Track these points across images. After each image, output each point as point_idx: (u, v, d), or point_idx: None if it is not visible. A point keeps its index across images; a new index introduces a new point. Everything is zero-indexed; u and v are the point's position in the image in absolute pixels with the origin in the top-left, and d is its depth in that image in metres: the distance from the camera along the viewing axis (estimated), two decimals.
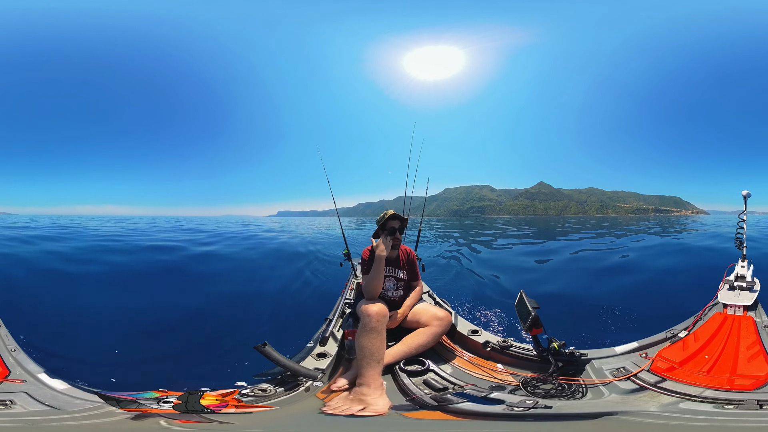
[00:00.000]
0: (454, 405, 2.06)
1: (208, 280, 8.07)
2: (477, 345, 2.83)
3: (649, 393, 2.07)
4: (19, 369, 2.38)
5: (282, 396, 2.22)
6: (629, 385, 2.18)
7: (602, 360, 2.49)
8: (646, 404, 1.97)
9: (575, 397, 2.15)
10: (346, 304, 3.52)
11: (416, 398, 2.20)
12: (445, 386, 2.33)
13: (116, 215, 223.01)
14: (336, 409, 2.13)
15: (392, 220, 3.04)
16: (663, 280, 7.37)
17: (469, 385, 2.32)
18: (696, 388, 2.01)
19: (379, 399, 2.19)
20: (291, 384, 2.32)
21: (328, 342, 2.81)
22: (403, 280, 3.14)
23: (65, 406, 2.00)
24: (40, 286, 6.83)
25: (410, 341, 2.71)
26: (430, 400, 2.16)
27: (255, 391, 2.23)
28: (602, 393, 2.18)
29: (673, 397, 1.99)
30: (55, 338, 4.19)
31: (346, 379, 2.43)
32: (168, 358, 4.00)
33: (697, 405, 1.90)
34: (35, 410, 1.93)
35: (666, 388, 2.06)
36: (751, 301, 2.91)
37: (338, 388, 2.37)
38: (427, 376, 2.45)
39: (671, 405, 1.93)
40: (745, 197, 3.87)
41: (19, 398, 1.99)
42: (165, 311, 5.62)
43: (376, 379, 2.31)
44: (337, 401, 2.22)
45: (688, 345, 2.47)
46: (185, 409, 1.98)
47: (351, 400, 2.20)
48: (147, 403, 2.02)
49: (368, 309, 2.55)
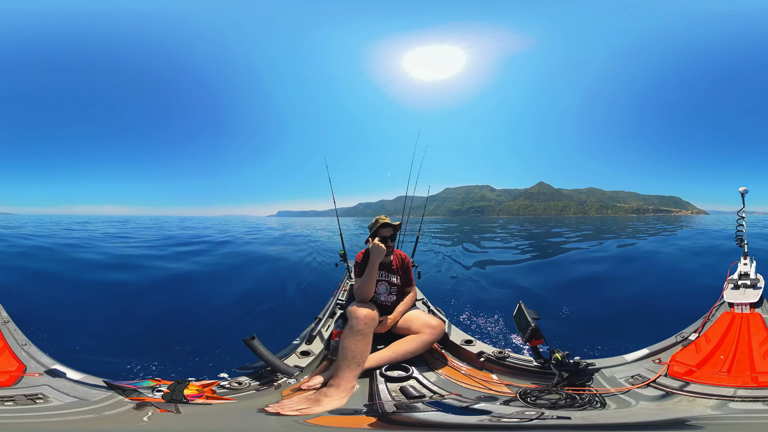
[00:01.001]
0: (409, 414, 1.97)
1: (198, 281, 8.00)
2: (470, 355, 2.72)
3: (683, 398, 1.99)
4: (33, 362, 2.40)
5: (251, 390, 2.20)
6: (651, 391, 2.09)
7: (613, 369, 2.40)
8: (690, 409, 1.88)
9: (593, 407, 1.99)
10: (337, 305, 3.49)
11: (375, 404, 2.12)
12: (422, 394, 2.22)
13: (115, 215, 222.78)
14: (283, 406, 2.07)
15: (384, 228, 2.99)
16: (667, 282, 7.28)
17: (452, 395, 2.21)
18: (726, 389, 1.95)
19: (335, 401, 2.13)
20: (267, 379, 2.30)
21: (315, 341, 2.78)
22: (396, 285, 3.06)
23: (87, 396, 2.04)
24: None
25: (398, 347, 2.63)
26: (390, 407, 2.06)
27: (232, 384, 2.22)
28: (626, 402, 2.05)
29: (713, 400, 1.90)
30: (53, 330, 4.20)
31: (322, 378, 2.37)
32: (163, 351, 4.00)
33: (747, 405, 1.84)
34: (68, 402, 1.98)
35: (694, 391, 2.00)
36: (756, 298, 2.89)
37: (309, 386, 2.32)
38: (407, 383, 2.35)
39: (722, 407, 1.85)
40: (743, 194, 3.86)
41: (46, 392, 2.03)
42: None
43: (348, 382, 2.27)
44: (293, 399, 2.17)
45: (701, 347, 2.43)
46: (170, 398, 2.02)
47: (308, 400, 2.16)
48: (144, 391, 2.07)
49: (357, 311, 2.53)
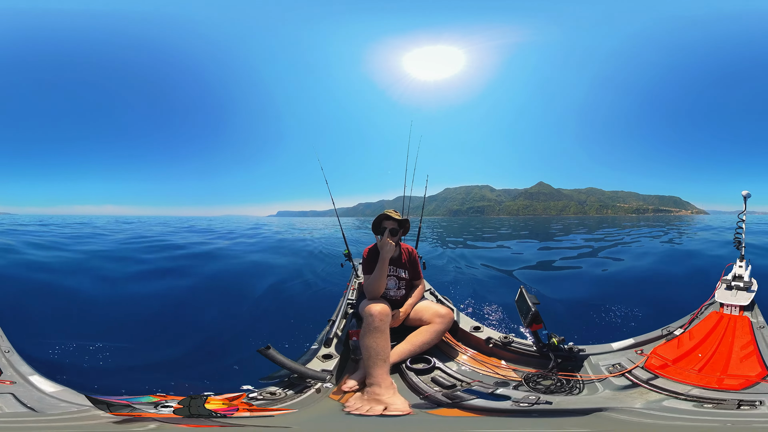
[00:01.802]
0: (467, 402, 2.07)
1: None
2: (479, 341, 2.85)
3: (640, 390, 2.10)
4: (10, 370, 2.35)
5: (294, 398, 2.16)
6: (623, 381, 2.20)
7: (599, 356, 2.51)
8: (633, 401, 1.99)
9: (573, 392, 2.17)
10: (348, 305, 3.51)
11: (430, 396, 2.20)
12: (453, 383, 2.34)
13: (115, 215, 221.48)
14: (359, 409, 2.09)
15: (386, 220, 3.01)
16: (660, 278, 7.37)
17: (475, 382, 2.32)
18: (684, 386, 2.03)
19: (394, 398, 2.18)
20: (300, 386, 2.28)
21: (333, 343, 2.78)
22: (405, 279, 3.13)
23: (47, 408, 1.96)
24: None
25: (414, 339, 2.71)
26: (443, 397, 2.15)
27: (264, 395, 2.17)
28: (597, 389, 2.21)
29: (659, 395, 2.01)
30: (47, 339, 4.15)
31: (355, 380, 2.41)
32: (161, 365, 3.88)
33: (680, 403, 1.93)
34: (13, 412, 1.88)
35: (656, 386, 2.08)
36: (747, 301, 2.89)
37: (349, 388, 2.34)
38: (435, 374, 2.46)
39: (655, 402, 1.95)
40: (745, 197, 3.86)
41: (2, 399, 1.97)
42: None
43: (385, 379, 2.30)
44: (354, 402, 2.19)
45: (683, 343, 2.48)
46: (189, 413, 1.88)
47: (367, 400, 2.18)
48: (142, 407, 1.90)
49: (371, 309, 2.55)
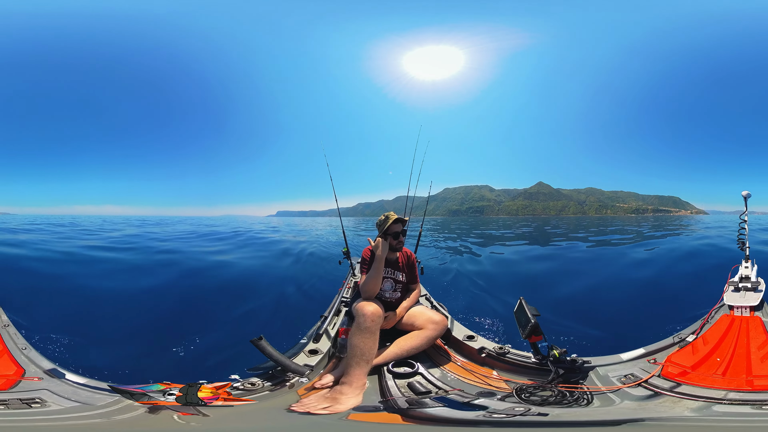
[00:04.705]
0: (422, 409, 2.04)
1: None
2: (472, 350, 2.78)
3: (669, 398, 2.00)
4: (33, 367, 2.38)
5: (266, 391, 2.23)
6: (641, 391, 2.11)
7: (607, 367, 2.42)
8: (670, 410, 1.89)
9: (579, 404, 2.06)
10: (342, 302, 3.52)
11: (389, 400, 2.18)
12: (428, 390, 2.28)
13: (114, 215, 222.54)
14: (306, 406, 2.13)
15: (396, 224, 3.02)
16: (666, 284, 7.25)
17: (455, 390, 2.27)
18: (716, 391, 1.95)
19: (352, 398, 2.18)
20: (279, 379, 2.33)
21: (322, 339, 2.81)
22: (402, 282, 3.12)
23: (90, 401, 2.02)
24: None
25: (402, 343, 2.68)
26: (402, 403, 2.12)
27: (245, 385, 2.25)
28: (612, 400, 2.10)
29: (697, 402, 1.91)
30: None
31: (332, 377, 2.43)
32: (164, 353, 4.02)
33: (733, 408, 1.84)
34: (68, 407, 1.94)
35: (682, 392, 2.00)
36: (757, 302, 2.89)
37: (321, 385, 2.37)
38: (414, 379, 2.41)
39: (704, 409, 1.86)
40: (746, 198, 3.85)
41: (45, 396, 2.00)
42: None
43: (359, 379, 2.31)
44: (311, 398, 2.22)
45: (697, 349, 2.43)
46: (185, 401, 2.05)
47: (325, 399, 2.20)
48: (154, 395, 2.07)
49: (363, 308, 2.55)
